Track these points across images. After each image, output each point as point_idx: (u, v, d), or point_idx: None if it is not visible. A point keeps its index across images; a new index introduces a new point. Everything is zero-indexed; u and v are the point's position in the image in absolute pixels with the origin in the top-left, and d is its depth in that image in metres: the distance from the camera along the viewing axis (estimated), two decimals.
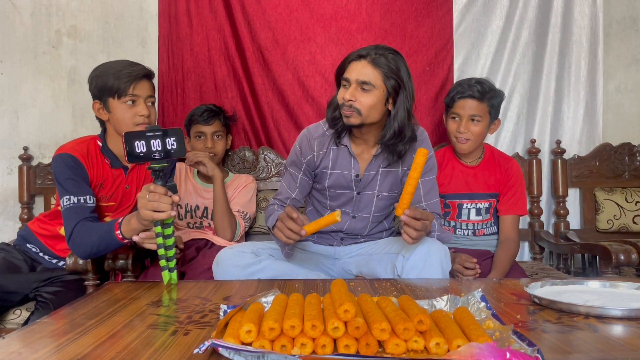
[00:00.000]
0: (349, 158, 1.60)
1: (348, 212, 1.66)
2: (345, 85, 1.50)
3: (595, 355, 0.79)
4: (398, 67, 1.47)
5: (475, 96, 1.81)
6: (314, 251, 1.73)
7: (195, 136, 2.05)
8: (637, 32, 2.37)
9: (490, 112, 1.84)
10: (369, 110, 1.47)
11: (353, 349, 0.77)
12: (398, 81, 1.46)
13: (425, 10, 2.28)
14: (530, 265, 2.10)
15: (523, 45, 2.30)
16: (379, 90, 1.46)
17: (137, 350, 0.81)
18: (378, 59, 1.45)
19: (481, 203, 1.90)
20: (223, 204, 1.91)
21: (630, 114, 2.39)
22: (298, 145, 1.64)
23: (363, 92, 1.46)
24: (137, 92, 1.55)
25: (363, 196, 1.64)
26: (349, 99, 1.46)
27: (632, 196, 2.24)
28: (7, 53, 2.32)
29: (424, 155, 1.28)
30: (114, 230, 1.39)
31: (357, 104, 1.46)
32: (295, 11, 2.27)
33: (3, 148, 2.33)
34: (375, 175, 1.61)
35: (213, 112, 2.05)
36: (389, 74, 1.45)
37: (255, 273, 1.49)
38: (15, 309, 1.61)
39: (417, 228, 1.33)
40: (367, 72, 1.46)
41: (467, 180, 1.91)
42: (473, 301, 0.97)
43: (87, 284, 1.54)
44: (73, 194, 1.49)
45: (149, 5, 2.31)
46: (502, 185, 1.91)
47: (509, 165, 1.93)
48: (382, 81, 1.46)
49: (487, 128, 1.87)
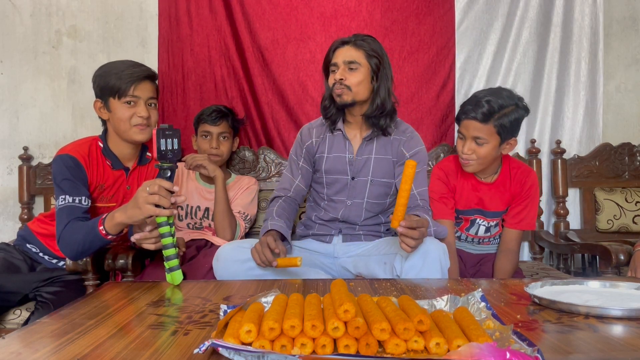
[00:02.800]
0: (343, 141, 1.75)
1: (343, 199, 1.75)
2: (334, 70, 1.67)
3: (595, 355, 0.79)
4: (378, 48, 1.67)
5: (477, 118, 1.63)
6: (313, 249, 1.74)
7: (202, 135, 2.05)
8: (637, 32, 2.37)
9: (499, 133, 1.64)
10: (358, 86, 1.64)
11: (353, 349, 0.77)
12: (379, 59, 1.66)
13: (426, 8, 2.28)
14: (530, 265, 2.10)
15: (524, 45, 2.30)
16: (364, 67, 1.64)
17: (137, 350, 0.81)
18: (359, 42, 1.65)
19: (493, 221, 1.82)
20: (224, 204, 1.91)
21: (630, 114, 2.39)
22: (299, 135, 1.83)
23: (350, 71, 1.64)
24: (138, 93, 1.55)
25: (357, 182, 1.73)
26: (340, 78, 1.63)
27: (632, 196, 2.24)
28: (7, 53, 2.32)
29: (413, 167, 1.31)
30: (97, 227, 1.38)
31: (347, 82, 1.63)
32: (295, 9, 2.27)
33: (3, 148, 2.33)
34: (367, 160, 1.72)
35: (222, 113, 2.04)
36: (371, 52, 1.65)
37: (254, 268, 1.50)
38: (15, 309, 1.61)
39: (414, 237, 1.34)
40: (351, 53, 1.65)
41: (481, 197, 1.80)
42: (473, 301, 0.97)
43: (87, 284, 1.54)
44: (69, 194, 1.49)
45: (149, 5, 2.31)
46: (515, 199, 1.80)
47: (527, 179, 1.79)
48: (365, 59, 1.65)
49: (495, 149, 1.68)
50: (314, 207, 1.83)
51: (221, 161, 2.05)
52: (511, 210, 1.80)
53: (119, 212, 1.36)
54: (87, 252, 1.46)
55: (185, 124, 2.27)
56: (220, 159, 2.04)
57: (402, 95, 2.27)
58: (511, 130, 1.66)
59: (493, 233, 1.85)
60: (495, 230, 1.86)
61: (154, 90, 1.61)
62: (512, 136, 1.69)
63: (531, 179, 1.79)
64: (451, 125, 2.31)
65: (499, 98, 1.64)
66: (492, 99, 1.64)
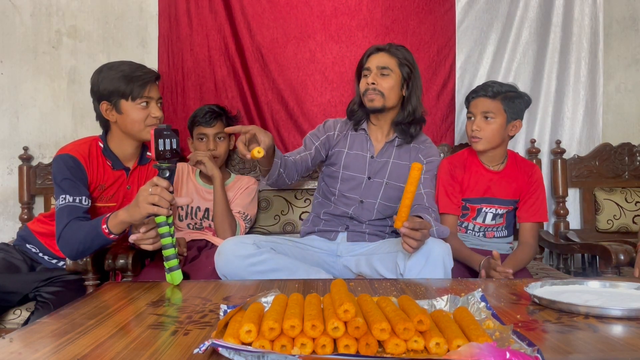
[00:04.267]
0: (365, 141, 1.82)
1: (356, 197, 1.78)
2: (366, 74, 1.74)
3: (595, 355, 0.79)
4: (410, 58, 1.76)
5: (487, 94, 1.81)
6: (316, 247, 1.75)
7: (197, 138, 2.04)
8: (637, 32, 2.37)
9: (506, 111, 1.80)
10: (389, 91, 1.71)
11: (353, 349, 0.77)
12: (410, 68, 1.74)
13: (427, 7, 2.27)
14: (530, 265, 2.09)
15: (524, 45, 2.30)
16: (396, 74, 1.72)
17: (137, 350, 0.81)
18: (393, 50, 1.74)
19: (500, 209, 1.88)
20: (223, 204, 1.91)
21: (630, 114, 2.39)
22: (322, 124, 1.87)
23: (383, 76, 1.72)
24: (152, 94, 1.60)
25: (373, 182, 1.77)
26: (372, 82, 1.71)
27: (632, 196, 2.24)
28: (7, 53, 2.32)
29: (419, 169, 1.33)
30: (100, 226, 1.39)
31: (379, 87, 1.71)
32: (294, 8, 2.27)
33: (3, 148, 2.33)
34: (386, 163, 1.79)
35: (215, 114, 2.02)
36: (403, 61, 1.73)
37: (256, 264, 1.50)
38: (15, 309, 1.61)
39: (416, 238, 1.36)
40: (385, 59, 1.73)
41: (489, 185, 1.88)
42: (473, 301, 0.97)
43: (87, 284, 1.54)
44: (69, 193, 1.50)
45: (149, 5, 2.31)
46: (524, 192, 1.88)
47: (532, 171, 1.90)
48: (397, 67, 1.73)
49: (503, 127, 1.81)
50: (322, 203, 1.86)
51: (220, 161, 2.03)
52: (523, 205, 1.89)
53: (122, 210, 1.37)
54: (87, 251, 1.46)
55: (185, 124, 2.26)
56: (219, 160, 2.02)
57: None
58: (517, 111, 1.82)
59: (498, 222, 1.90)
60: (501, 220, 1.90)
61: (159, 91, 1.66)
62: (517, 117, 1.84)
63: (537, 172, 1.91)
64: (451, 125, 2.31)
65: (505, 84, 1.85)
66: (503, 83, 1.85)
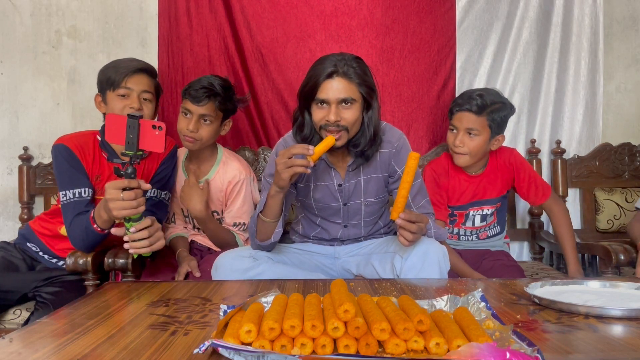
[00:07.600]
0: (328, 170, 1.60)
1: (339, 222, 1.67)
2: (323, 106, 1.44)
3: (595, 355, 0.79)
4: (365, 73, 1.45)
5: (472, 110, 1.75)
6: (313, 251, 1.73)
7: (182, 112, 1.78)
8: (637, 32, 2.37)
9: (490, 127, 1.77)
10: (353, 124, 1.45)
11: (353, 349, 0.77)
12: (369, 85, 1.45)
13: (427, 7, 2.27)
14: (530, 265, 2.10)
15: (524, 45, 2.29)
16: (358, 102, 1.44)
17: (137, 350, 0.81)
18: (347, 71, 1.41)
19: (487, 209, 1.88)
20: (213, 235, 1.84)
21: (630, 114, 2.39)
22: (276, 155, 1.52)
23: (345, 109, 1.42)
24: (131, 85, 1.59)
25: (350, 207, 1.63)
26: (335, 119, 1.41)
27: (632, 196, 2.24)
28: (7, 53, 2.32)
29: (416, 158, 1.30)
30: (91, 225, 1.45)
31: (344, 122, 1.42)
32: (294, 8, 2.27)
33: (3, 148, 2.33)
34: (357, 184, 1.60)
35: (209, 92, 1.74)
36: (361, 82, 1.43)
37: (254, 277, 1.48)
38: (15, 309, 1.61)
39: (412, 230, 1.34)
40: (343, 88, 1.41)
41: (473, 190, 1.87)
42: (473, 301, 0.97)
43: (87, 284, 1.54)
44: (68, 187, 1.54)
45: (149, 5, 2.31)
46: (517, 180, 1.88)
47: (511, 158, 1.89)
48: (358, 92, 1.43)
49: (486, 143, 1.79)
50: (311, 225, 1.72)
51: (200, 145, 1.78)
52: (523, 192, 1.89)
53: (102, 210, 1.40)
54: (91, 246, 1.52)
55: None
56: (199, 143, 1.77)
57: (402, 95, 2.27)
58: (500, 125, 1.80)
59: (489, 222, 1.90)
60: (491, 219, 1.89)
61: (149, 85, 1.63)
62: (500, 132, 1.82)
63: (514, 155, 1.91)
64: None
65: (489, 94, 1.79)
66: (484, 93, 1.79)
